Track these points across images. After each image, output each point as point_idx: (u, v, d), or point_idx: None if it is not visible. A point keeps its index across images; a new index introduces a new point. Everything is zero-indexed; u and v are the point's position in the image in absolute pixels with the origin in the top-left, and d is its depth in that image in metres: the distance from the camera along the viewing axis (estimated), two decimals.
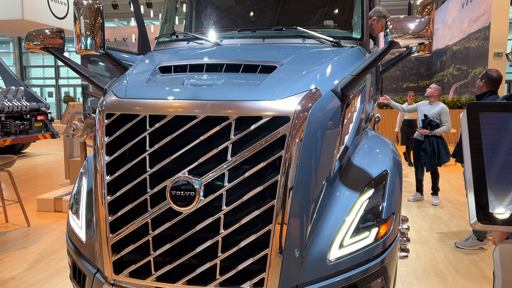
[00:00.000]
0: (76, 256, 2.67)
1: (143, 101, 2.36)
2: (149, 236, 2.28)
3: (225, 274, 2.20)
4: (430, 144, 6.65)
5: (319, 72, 2.59)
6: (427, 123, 6.66)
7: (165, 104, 2.32)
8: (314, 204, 2.31)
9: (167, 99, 2.33)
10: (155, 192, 2.26)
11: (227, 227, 2.20)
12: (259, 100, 2.23)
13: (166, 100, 2.33)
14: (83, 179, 2.93)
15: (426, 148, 6.67)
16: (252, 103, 2.23)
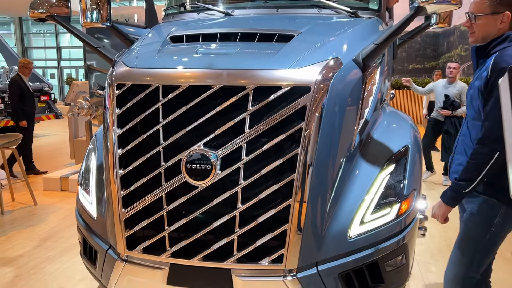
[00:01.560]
0: (87, 232, 2.60)
1: (156, 71, 2.25)
2: (164, 211, 2.20)
3: (243, 250, 2.12)
4: (452, 126, 6.37)
5: (339, 42, 2.47)
6: (449, 104, 6.41)
7: (179, 73, 2.20)
8: (334, 179, 2.22)
9: (181, 69, 2.22)
10: (169, 165, 2.17)
11: (244, 202, 2.11)
12: (277, 69, 2.12)
13: (180, 69, 2.21)
14: (92, 155, 2.84)
15: (449, 130, 6.43)
16: (271, 72, 2.11)
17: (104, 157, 2.45)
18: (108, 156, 2.34)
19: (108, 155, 2.35)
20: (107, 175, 2.38)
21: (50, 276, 3.30)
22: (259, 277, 2.14)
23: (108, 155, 2.36)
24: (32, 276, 3.31)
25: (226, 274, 2.15)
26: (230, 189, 2.11)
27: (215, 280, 2.17)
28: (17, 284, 3.19)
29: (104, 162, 2.46)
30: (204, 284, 2.18)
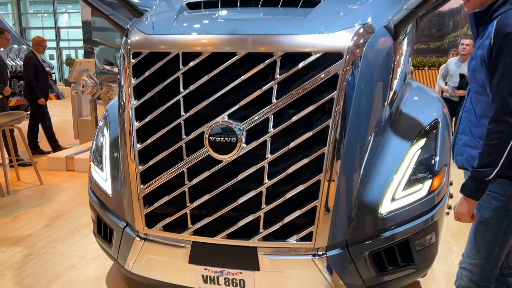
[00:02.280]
0: (101, 210, 2.49)
1: (175, 37, 2.10)
2: (185, 187, 2.08)
3: (269, 228, 2.01)
4: None
5: (369, 7, 2.31)
6: (466, 84, 6.23)
7: (200, 39, 2.05)
8: (366, 152, 2.10)
9: (202, 35, 2.07)
10: (191, 139, 2.04)
11: (271, 177, 1.99)
12: (307, 34, 1.97)
13: (201, 35, 2.06)
14: (104, 129, 2.71)
15: None
16: (300, 37, 1.97)
17: (120, 131, 2.32)
18: (125, 130, 2.21)
19: (124, 129, 2.22)
20: (123, 150, 2.26)
21: (62, 256, 3.22)
22: (286, 256, 2.04)
23: (124, 128, 2.23)
24: (43, 255, 3.23)
25: (252, 253, 2.04)
26: (256, 163, 1.99)
27: (240, 259, 2.07)
28: (27, 263, 3.11)
29: (120, 136, 2.33)
30: (228, 263, 2.08)
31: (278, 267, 2.05)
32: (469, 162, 1.90)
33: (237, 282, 2.08)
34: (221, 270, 2.08)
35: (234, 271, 2.07)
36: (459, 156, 1.98)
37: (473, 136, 1.90)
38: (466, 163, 1.93)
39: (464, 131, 1.96)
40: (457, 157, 2.00)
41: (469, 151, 1.91)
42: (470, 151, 1.91)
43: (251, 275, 2.05)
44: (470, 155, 1.90)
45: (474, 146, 1.88)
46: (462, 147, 1.95)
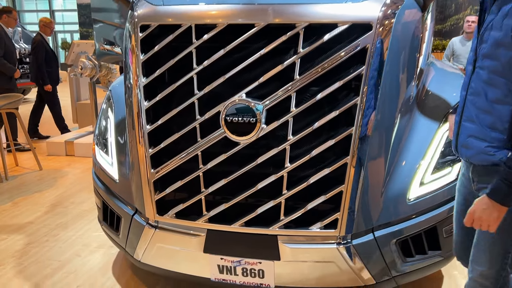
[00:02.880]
0: (107, 196, 2.35)
1: (187, 8, 1.92)
2: (199, 171, 1.93)
3: (291, 215, 1.87)
4: None
5: None
6: None
7: (215, 10, 1.88)
8: (395, 133, 1.95)
9: (216, 5, 1.89)
10: (206, 119, 1.89)
11: (293, 161, 1.84)
12: (333, 4, 1.80)
13: (216, 6, 1.89)
14: (109, 111, 2.55)
15: None
16: (325, 6, 1.79)
17: (127, 112, 2.16)
18: (132, 111, 2.05)
19: (132, 110, 2.06)
20: (131, 132, 2.10)
21: (65, 244, 3.08)
22: (309, 244, 1.91)
23: (132, 109, 2.06)
24: (45, 243, 3.09)
25: (272, 241, 1.91)
26: (277, 146, 1.84)
27: (259, 248, 1.93)
28: (29, 252, 2.97)
29: (127, 117, 2.17)
30: (247, 252, 1.94)
31: (300, 257, 1.91)
32: (479, 158, 1.52)
33: (256, 272, 1.95)
34: (238, 259, 1.95)
35: (252, 261, 1.93)
36: (464, 149, 1.58)
37: (481, 125, 1.50)
38: (475, 159, 1.54)
39: (469, 118, 1.54)
40: (462, 148, 1.60)
41: (477, 144, 1.51)
42: (477, 144, 1.51)
43: (271, 265, 1.92)
44: (479, 149, 1.51)
45: (483, 139, 1.50)
46: (468, 138, 1.55)
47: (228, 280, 2.00)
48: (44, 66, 6.23)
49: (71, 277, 2.64)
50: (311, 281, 1.95)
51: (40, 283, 2.58)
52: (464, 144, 1.57)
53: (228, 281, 2.00)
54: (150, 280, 2.58)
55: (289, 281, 1.96)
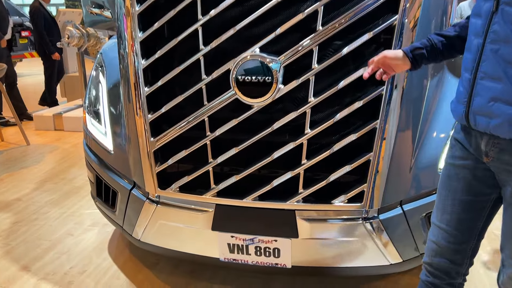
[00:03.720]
0: (101, 169, 2.11)
1: None
2: (207, 139, 1.70)
3: (311, 187, 1.66)
4: None
5: None
6: None
7: None
8: (426, 96, 1.72)
9: None
10: (213, 79, 1.64)
11: (314, 126, 1.62)
12: None
13: None
14: (100, 76, 2.28)
15: None
16: None
17: (122, 74, 1.90)
18: (128, 72, 1.79)
19: (127, 70, 1.81)
20: (127, 96, 1.85)
21: (55, 222, 2.86)
22: (331, 220, 1.70)
23: (127, 70, 1.81)
24: (34, 222, 2.87)
25: (289, 216, 1.70)
26: (295, 109, 1.61)
27: (275, 224, 1.73)
28: (18, 231, 2.75)
29: (122, 80, 1.92)
30: (261, 229, 1.74)
31: (321, 234, 1.71)
32: (508, 130, 1.15)
33: (271, 251, 1.75)
34: (251, 237, 1.74)
35: (267, 239, 1.73)
36: (483, 117, 1.19)
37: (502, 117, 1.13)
38: (503, 131, 1.16)
39: (492, 74, 1.15)
40: (479, 117, 1.20)
41: (506, 110, 1.14)
42: (507, 110, 1.13)
43: (287, 243, 1.72)
44: (510, 117, 1.13)
45: None
46: (491, 103, 1.16)
47: (240, 260, 1.80)
48: (45, 34, 5.87)
49: (63, 258, 2.43)
50: (332, 260, 1.76)
51: (29, 265, 2.36)
52: (484, 110, 1.18)
53: (240, 261, 1.80)
54: (150, 260, 2.38)
55: (308, 260, 1.76)
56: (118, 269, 2.32)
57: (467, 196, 1.33)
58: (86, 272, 2.29)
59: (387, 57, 1.39)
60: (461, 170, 1.33)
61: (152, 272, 2.28)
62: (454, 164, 1.35)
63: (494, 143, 1.20)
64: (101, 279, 2.23)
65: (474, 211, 1.33)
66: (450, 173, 1.36)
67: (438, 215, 1.41)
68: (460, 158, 1.33)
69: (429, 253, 1.44)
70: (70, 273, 2.29)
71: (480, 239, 1.39)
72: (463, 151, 1.32)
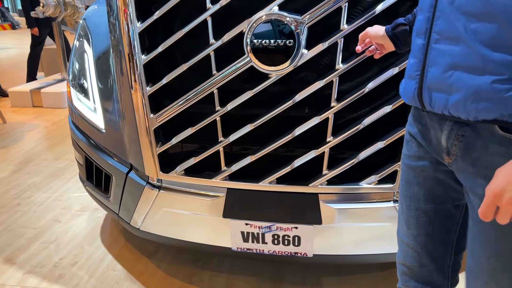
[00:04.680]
0: (91, 150, 1.87)
1: None
2: (216, 114, 1.47)
3: (337, 168, 1.46)
4: None
5: None
6: None
7: None
8: None
9: None
10: (223, 43, 1.40)
11: (341, 98, 1.41)
12: None
13: None
14: (85, 44, 2.01)
15: None
16: None
17: (112, 40, 1.64)
18: (121, 35, 1.53)
19: (119, 36, 1.55)
20: (119, 66, 1.60)
21: (40, 208, 2.62)
22: (358, 204, 1.52)
23: (119, 35, 1.55)
24: (16, 208, 2.62)
25: (312, 201, 1.51)
26: (319, 79, 1.39)
27: (295, 210, 1.53)
28: None
29: (112, 48, 1.65)
30: (279, 216, 1.54)
31: (347, 219, 1.53)
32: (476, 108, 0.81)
33: (290, 239, 1.56)
34: (268, 225, 1.55)
35: (286, 226, 1.54)
36: (439, 93, 0.87)
37: (476, 42, 0.79)
38: (463, 109, 0.83)
39: (449, 33, 0.84)
40: (436, 94, 0.88)
41: (470, 80, 0.81)
42: (471, 80, 0.81)
43: (309, 231, 1.53)
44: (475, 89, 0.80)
45: (483, 69, 0.79)
46: (449, 72, 0.84)
47: (254, 250, 1.61)
48: (30, 6, 5.41)
49: (51, 248, 2.20)
50: (357, 247, 1.58)
51: (14, 257, 2.13)
52: (441, 83, 0.86)
53: (254, 251, 1.62)
54: (148, 249, 2.18)
55: (331, 248, 1.58)
56: (113, 259, 2.11)
57: (432, 205, 1.04)
58: (77, 263, 2.08)
59: (368, 34, 1.18)
60: (420, 173, 1.03)
61: (151, 262, 2.08)
62: (411, 166, 1.05)
63: (458, 135, 0.88)
64: (95, 271, 2.02)
65: (444, 221, 1.05)
66: (409, 176, 1.06)
67: (402, 229, 1.12)
68: (416, 157, 1.03)
69: (402, 277, 1.16)
70: (60, 265, 2.07)
71: (460, 252, 1.10)
72: (419, 149, 1.02)
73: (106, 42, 1.83)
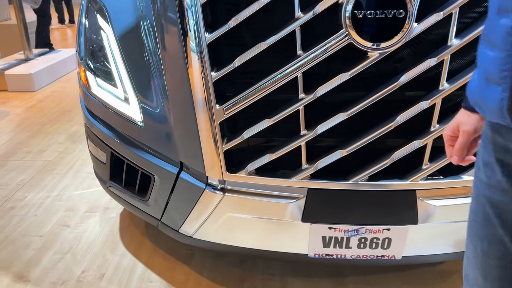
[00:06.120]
0: (123, 146, 1.57)
1: None
2: (300, 103, 1.22)
3: (440, 159, 1.27)
4: None
5: None
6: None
7: None
8: None
9: None
10: (315, 16, 1.15)
11: (453, 79, 1.20)
12: None
13: None
14: (98, 18, 1.66)
15: None
16: None
17: (155, 11, 1.34)
18: (174, 6, 1.24)
19: (171, 4, 1.25)
20: (168, 45, 1.30)
21: (39, 210, 2.28)
22: (458, 199, 1.34)
23: (169, 3, 1.25)
24: (11, 212, 2.26)
25: (409, 198, 1.32)
26: (430, 56, 1.17)
27: (389, 209, 1.34)
28: None
29: (156, 22, 1.35)
30: (370, 217, 1.34)
31: (444, 216, 1.35)
32: None
33: (379, 242, 1.37)
34: (356, 228, 1.35)
35: (377, 228, 1.34)
36: None
37: None
38: None
39: None
40: None
41: None
42: None
43: (402, 232, 1.35)
44: None
45: None
46: None
47: (335, 255, 1.41)
48: None
49: (68, 260, 1.90)
50: (449, 246, 1.42)
51: (25, 273, 1.82)
52: None
53: (334, 256, 1.42)
54: (181, 252, 1.93)
55: (422, 248, 1.41)
56: (145, 268, 1.85)
57: None
58: (105, 276, 1.80)
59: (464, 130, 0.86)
60: (508, 212, 0.74)
61: (190, 268, 1.84)
62: (493, 200, 0.76)
63: None
64: (129, 284, 1.75)
65: None
66: (488, 213, 0.78)
67: (476, 279, 0.84)
68: (502, 190, 0.74)
69: None
70: (85, 279, 1.78)
71: None
72: (508, 179, 0.73)
73: (132, 16, 1.51)
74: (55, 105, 4.05)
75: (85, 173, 2.69)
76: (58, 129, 3.44)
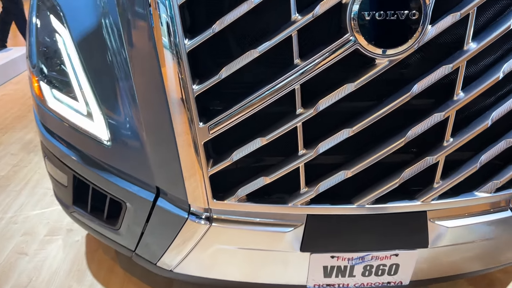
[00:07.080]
0: (86, 168, 1.35)
1: None
2: (297, 120, 1.05)
3: (454, 177, 1.14)
4: None
5: None
6: None
7: None
8: None
9: None
10: (316, 17, 0.97)
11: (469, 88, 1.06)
12: None
13: None
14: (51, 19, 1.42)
15: None
16: None
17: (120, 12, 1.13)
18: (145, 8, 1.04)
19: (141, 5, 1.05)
20: (136, 54, 1.10)
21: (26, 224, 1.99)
22: (471, 217, 1.22)
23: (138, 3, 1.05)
24: None
25: (419, 220, 1.18)
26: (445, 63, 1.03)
27: (396, 233, 1.20)
28: None
29: (122, 25, 1.14)
30: (376, 243, 1.20)
31: (457, 238, 1.23)
32: None
33: (386, 268, 1.23)
34: (362, 255, 1.20)
35: (384, 254, 1.20)
36: None
37: None
38: None
39: None
40: None
41: None
42: None
43: (411, 256, 1.21)
44: None
45: None
46: None
47: (336, 285, 1.26)
48: None
49: None
50: (459, 267, 1.31)
51: None
52: None
53: (336, 286, 1.27)
54: (157, 280, 1.73)
55: (433, 271, 1.29)
56: None
57: None
58: None
59: None
60: None
61: None
62: None
63: None
64: None
65: None
66: None
67: None
68: None
69: None
70: None
71: None
72: None
73: (92, 16, 1.29)
74: (6, 111, 3.70)
75: (44, 188, 2.42)
76: (10, 138, 3.12)
